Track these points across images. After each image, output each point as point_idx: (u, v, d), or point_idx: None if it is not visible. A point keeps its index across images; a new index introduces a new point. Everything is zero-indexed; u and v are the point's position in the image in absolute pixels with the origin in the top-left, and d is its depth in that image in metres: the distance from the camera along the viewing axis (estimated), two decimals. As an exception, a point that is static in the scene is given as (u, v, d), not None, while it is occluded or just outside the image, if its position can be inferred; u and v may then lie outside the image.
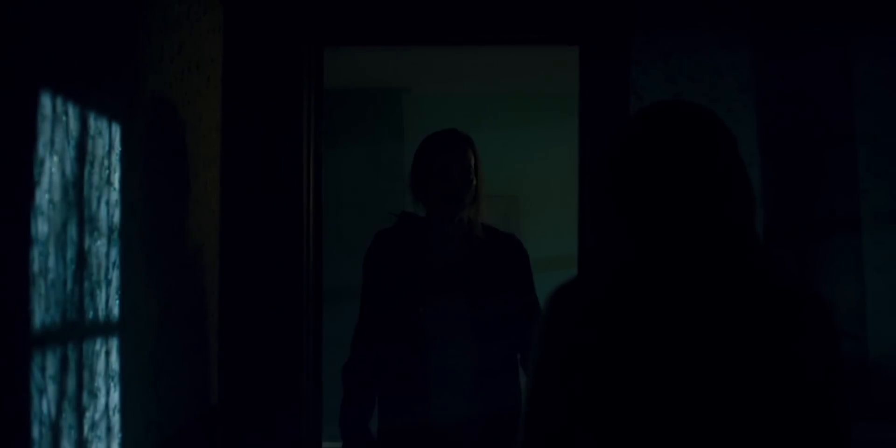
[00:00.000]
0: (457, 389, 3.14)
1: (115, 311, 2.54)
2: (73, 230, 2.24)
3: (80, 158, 2.29)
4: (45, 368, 2.10)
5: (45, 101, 2.11)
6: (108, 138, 2.48)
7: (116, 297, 2.54)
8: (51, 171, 2.12)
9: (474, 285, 3.18)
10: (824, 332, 1.64)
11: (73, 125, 2.25)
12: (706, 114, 1.72)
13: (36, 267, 2.05)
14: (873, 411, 3.42)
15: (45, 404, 2.09)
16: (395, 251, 3.24)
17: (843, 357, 1.65)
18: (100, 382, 2.44)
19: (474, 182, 3.23)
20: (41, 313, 2.08)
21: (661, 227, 1.66)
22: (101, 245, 2.44)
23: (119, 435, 2.57)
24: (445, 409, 3.13)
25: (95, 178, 2.41)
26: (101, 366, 2.45)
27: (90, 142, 2.36)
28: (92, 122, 2.37)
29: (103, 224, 2.46)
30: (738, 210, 1.69)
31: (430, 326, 3.15)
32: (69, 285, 2.22)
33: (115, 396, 2.54)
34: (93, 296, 2.38)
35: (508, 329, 3.18)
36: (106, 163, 2.48)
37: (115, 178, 2.54)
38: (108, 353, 2.49)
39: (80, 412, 2.30)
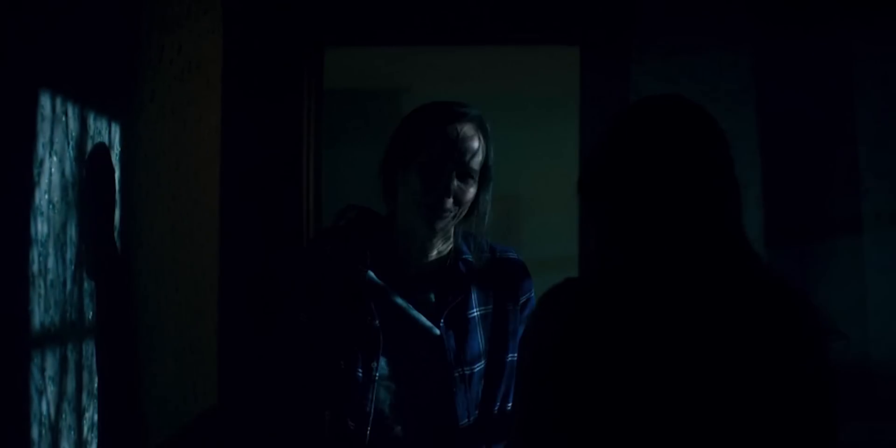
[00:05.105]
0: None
1: (115, 311, 2.52)
2: (72, 231, 2.23)
3: (79, 159, 2.29)
4: (45, 369, 2.09)
5: (45, 102, 2.10)
6: (107, 139, 2.47)
7: (116, 297, 2.53)
8: (50, 172, 2.11)
9: (452, 326, 2.22)
10: (810, 330, 1.63)
11: (73, 125, 2.24)
12: (693, 111, 1.69)
13: (35, 267, 2.05)
14: (875, 413, 3.41)
15: (44, 405, 2.08)
16: (340, 265, 2.22)
17: (830, 356, 1.64)
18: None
19: (475, 190, 2.22)
20: (41, 314, 2.07)
21: (648, 229, 1.64)
22: (100, 245, 2.42)
23: (119, 436, 2.55)
24: None
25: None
26: (100, 367, 2.43)
27: (90, 142, 2.35)
28: (91, 122, 2.36)
29: (103, 224, 2.44)
30: (725, 209, 1.67)
31: (385, 376, 2.24)
32: (69, 286, 2.21)
33: (114, 397, 2.51)
34: (92, 297, 2.36)
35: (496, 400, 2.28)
36: (105, 163, 2.46)
37: (115, 179, 2.52)
38: (107, 354, 2.47)
39: (79, 413, 2.29)
